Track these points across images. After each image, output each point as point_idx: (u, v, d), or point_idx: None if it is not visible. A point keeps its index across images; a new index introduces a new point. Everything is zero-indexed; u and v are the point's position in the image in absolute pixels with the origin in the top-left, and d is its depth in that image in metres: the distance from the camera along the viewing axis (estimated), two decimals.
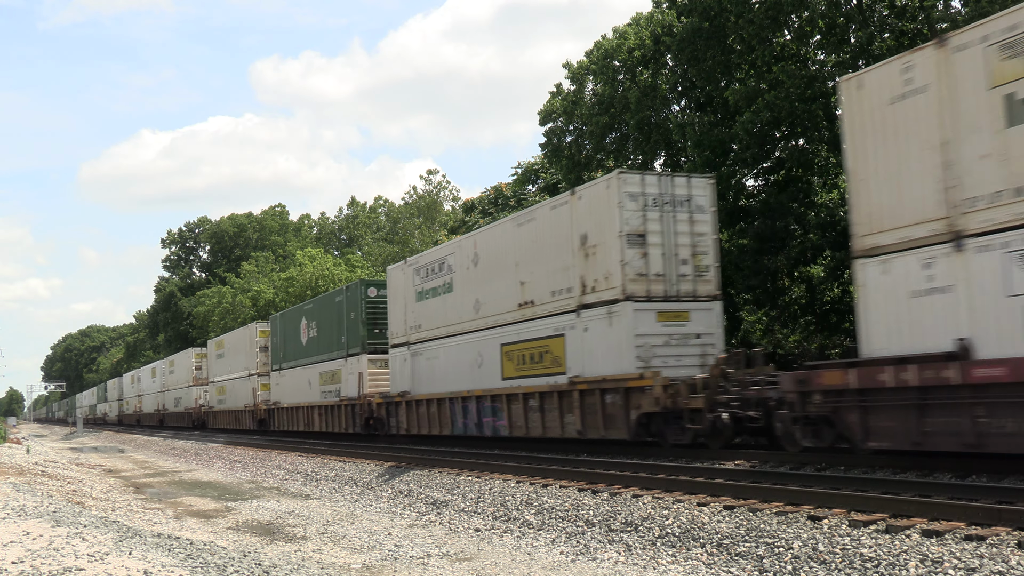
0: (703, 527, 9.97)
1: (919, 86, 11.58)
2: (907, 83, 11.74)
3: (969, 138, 10.91)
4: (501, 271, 20.16)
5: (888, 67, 12.09)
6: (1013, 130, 10.39)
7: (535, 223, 19.01)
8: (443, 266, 22.95)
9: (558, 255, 18.06)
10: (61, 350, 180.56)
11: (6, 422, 79.93)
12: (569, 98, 33.63)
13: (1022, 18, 10.51)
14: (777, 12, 25.07)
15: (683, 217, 16.84)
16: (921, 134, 11.51)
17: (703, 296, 16.79)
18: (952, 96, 11.15)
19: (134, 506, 16.43)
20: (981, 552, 7.66)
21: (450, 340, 22.36)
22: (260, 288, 63.19)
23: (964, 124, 10.98)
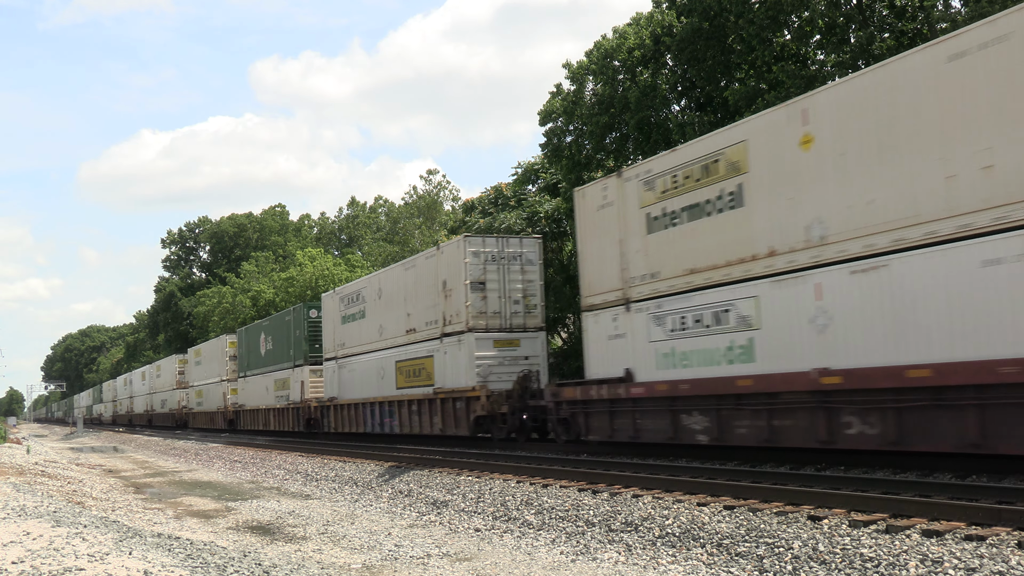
0: (703, 527, 9.97)
1: (609, 201, 17.02)
2: (604, 198, 17.15)
3: (630, 239, 16.38)
4: (396, 304, 25.50)
5: (596, 186, 17.61)
6: (650, 236, 15.87)
7: (416, 268, 24.57)
8: (359, 297, 28.24)
9: (429, 295, 23.37)
10: (61, 350, 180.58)
11: (6, 422, 79.96)
12: (569, 98, 33.64)
13: (653, 165, 15.90)
14: (777, 12, 25.08)
15: (516, 268, 22.07)
16: (610, 233, 16.89)
17: (531, 328, 22.05)
18: (623, 210, 16.59)
19: (134, 506, 16.43)
20: (981, 552, 7.66)
21: (364, 356, 27.63)
22: (260, 288, 63.21)
23: (629, 229, 16.41)
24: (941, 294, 10.72)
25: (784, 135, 13.11)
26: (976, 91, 10.49)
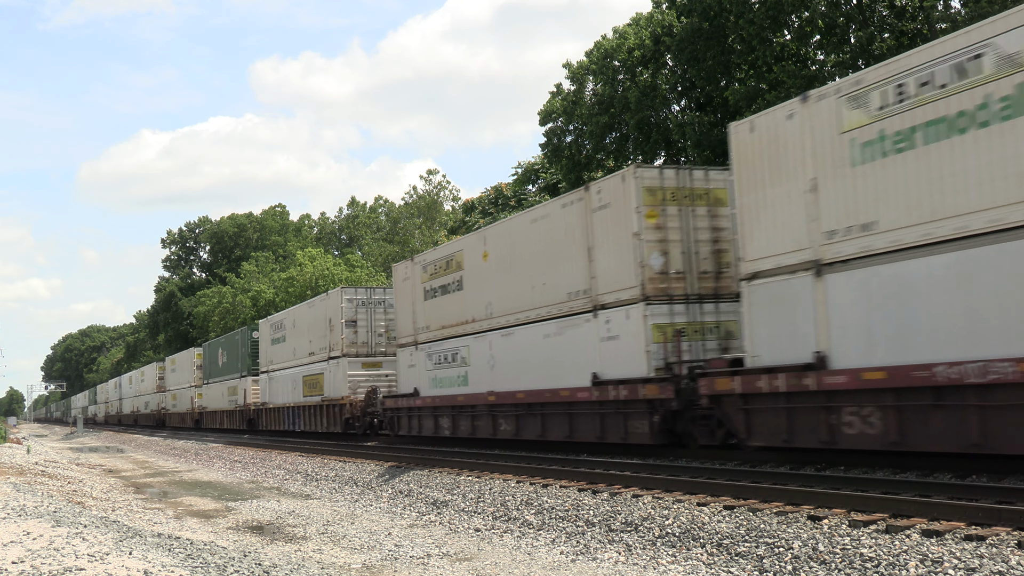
0: (703, 527, 9.97)
1: (407, 276, 24.71)
2: (406, 275, 24.72)
3: (416, 303, 24.12)
4: (303, 333, 33.29)
5: (401, 265, 25.52)
6: (425, 302, 23.61)
7: (314, 308, 32.52)
8: (282, 325, 36.36)
9: (321, 328, 31.11)
10: (61, 350, 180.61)
11: (6, 422, 80.00)
12: (569, 98, 33.65)
13: (426, 256, 23.76)
14: (777, 12, 25.08)
15: (380, 311, 29.69)
16: (411, 297, 24.70)
17: (390, 353, 28.35)
18: (414, 285, 24.49)
19: (134, 506, 16.44)
20: (981, 552, 7.66)
21: (283, 371, 35.54)
22: (260, 288, 63.24)
23: (416, 296, 24.30)
24: (529, 350, 18.73)
25: (477, 250, 21.10)
26: (540, 241, 18.57)
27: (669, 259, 15.55)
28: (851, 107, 11.63)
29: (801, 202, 12.25)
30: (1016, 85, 9.81)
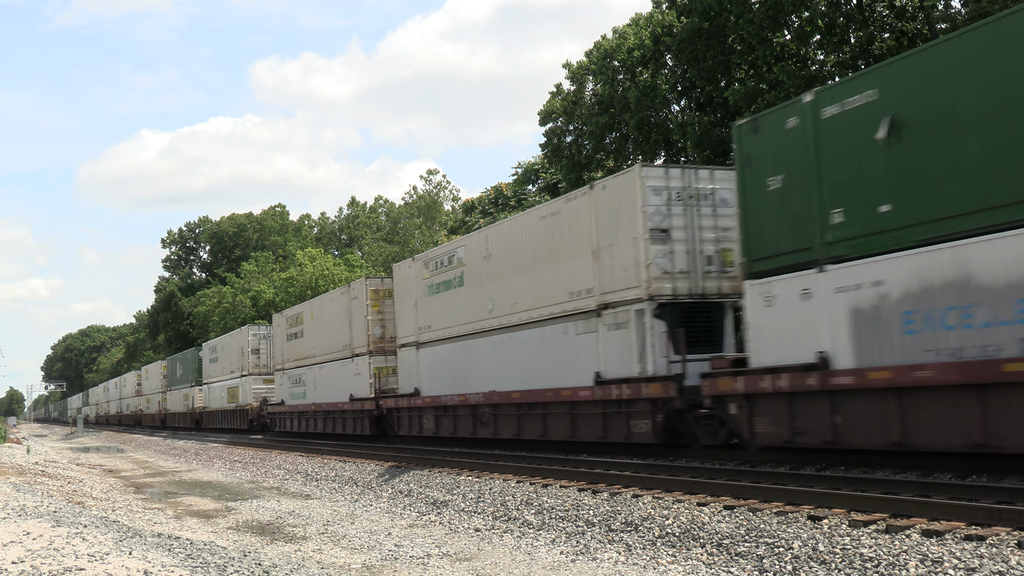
0: (703, 527, 9.97)
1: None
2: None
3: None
4: (227, 356, 44.29)
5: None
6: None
7: (233, 337, 43.89)
8: (216, 348, 47.52)
9: (237, 353, 42.40)
10: (61, 350, 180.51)
11: (6, 422, 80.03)
12: (569, 98, 33.64)
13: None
14: (777, 12, 25.07)
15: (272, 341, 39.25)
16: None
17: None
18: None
19: (134, 506, 16.43)
20: (981, 552, 7.66)
21: (217, 383, 46.32)
22: (260, 288, 63.25)
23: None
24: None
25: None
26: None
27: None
28: (426, 268, 23.54)
29: (413, 311, 24.12)
30: (460, 272, 21.83)
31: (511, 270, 19.55)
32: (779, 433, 12.76)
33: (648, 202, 15.54)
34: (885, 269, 11.20)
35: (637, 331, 15.65)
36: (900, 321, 11.04)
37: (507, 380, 19.43)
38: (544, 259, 18.42)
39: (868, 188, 11.44)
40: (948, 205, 10.54)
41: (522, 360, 19.03)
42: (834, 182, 11.89)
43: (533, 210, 19.95)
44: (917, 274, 10.84)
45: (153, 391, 65.21)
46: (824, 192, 12.01)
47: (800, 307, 12.41)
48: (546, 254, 18.37)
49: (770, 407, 12.86)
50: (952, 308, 10.50)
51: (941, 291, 10.59)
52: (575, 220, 17.50)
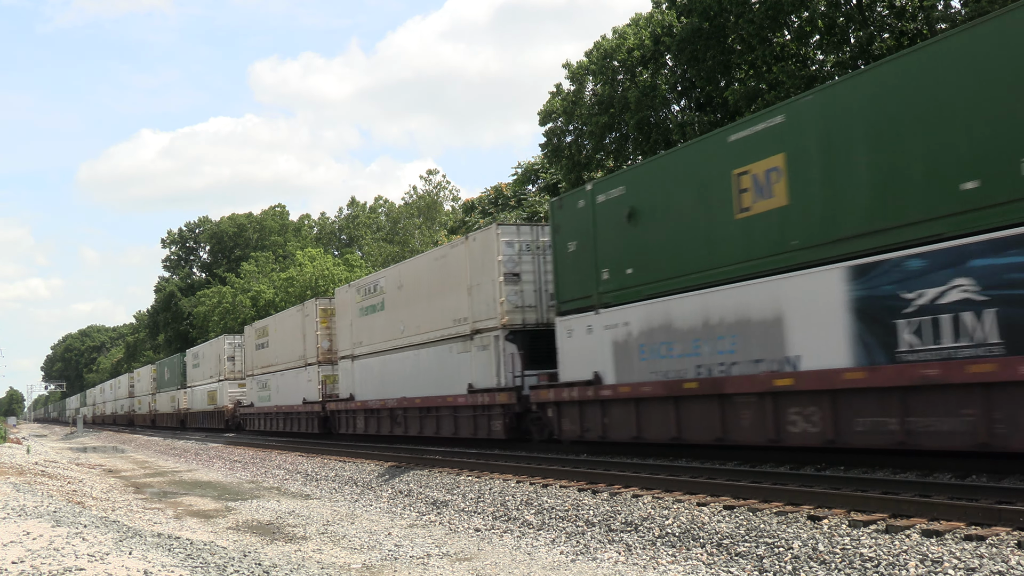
0: (703, 527, 9.97)
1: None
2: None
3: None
4: (207, 362, 49.03)
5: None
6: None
7: (212, 346, 48.65)
8: (198, 355, 52.11)
9: (216, 360, 46.75)
10: (61, 350, 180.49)
11: (6, 422, 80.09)
12: (569, 98, 33.63)
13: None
14: (777, 12, 25.07)
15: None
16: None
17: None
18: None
19: (134, 506, 16.44)
20: (981, 552, 7.66)
21: (200, 386, 50.75)
22: (260, 288, 63.25)
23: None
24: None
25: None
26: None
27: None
28: (358, 294, 27.70)
29: (349, 328, 28.23)
30: (382, 299, 25.66)
31: (416, 299, 23.81)
32: (576, 431, 16.94)
33: (502, 252, 19.76)
34: (630, 314, 15.50)
35: (495, 352, 19.79)
36: (637, 351, 15.36)
37: (413, 388, 23.58)
38: (437, 292, 22.61)
39: (621, 256, 15.72)
40: (660, 272, 14.89)
41: (423, 372, 23.23)
42: (604, 250, 16.15)
43: (431, 252, 24.80)
44: (646, 319, 15.16)
45: (144, 393, 69.76)
46: (598, 256, 16.30)
47: (586, 338, 16.66)
48: (439, 289, 22.56)
49: (569, 411, 17.12)
50: (663, 343, 14.83)
51: (658, 331, 14.90)
52: (457, 263, 21.72)
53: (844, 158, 11.79)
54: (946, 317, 10.49)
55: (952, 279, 10.42)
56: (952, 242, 10.38)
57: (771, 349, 12.81)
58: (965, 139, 10.27)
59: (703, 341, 13.93)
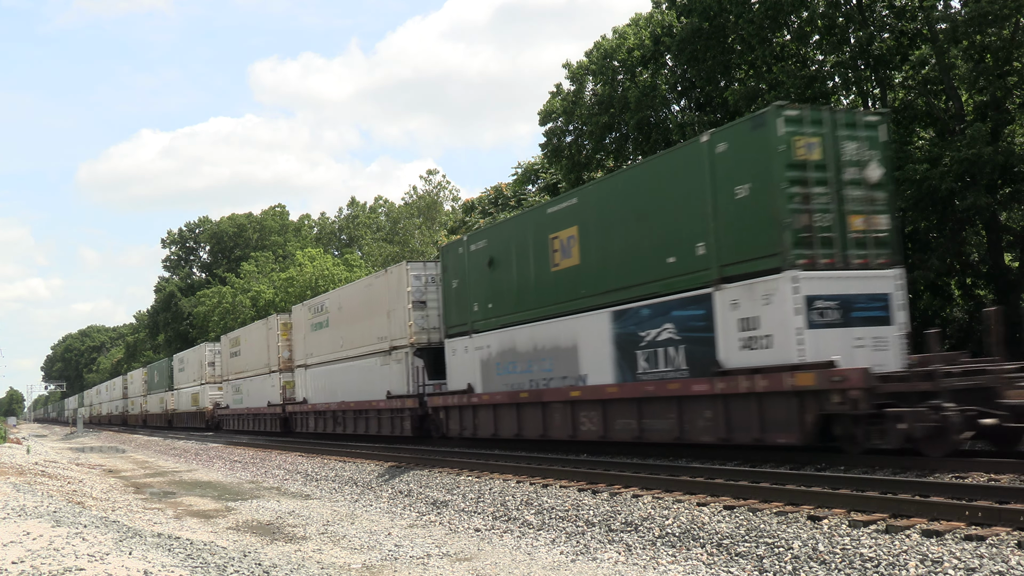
0: (703, 527, 9.97)
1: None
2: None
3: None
4: (191, 367, 53.00)
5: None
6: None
7: (195, 352, 52.69)
8: (183, 360, 56.38)
9: (198, 365, 50.40)
10: (61, 350, 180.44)
11: (6, 422, 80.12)
12: (569, 98, 33.62)
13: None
14: (777, 12, 25.07)
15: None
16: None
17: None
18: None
19: (134, 506, 16.44)
20: (981, 552, 7.66)
21: (184, 389, 54.79)
22: (260, 288, 63.24)
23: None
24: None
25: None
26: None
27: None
28: (309, 312, 32.38)
29: (303, 341, 32.68)
30: (327, 317, 30.47)
31: (352, 320, 28.21)
32: (457, 429, 21.59)
33: (411, 284, 24.16)
34: (491, 339, 20.22)
35: (406, 365, 24.20)
36: (495, 368, 20.06)
37: (350, 394, 28.04)
38: (366, 315, 26.95)
39: (485, 293, 20.44)
40: (509, 308, 19.54)
41: (357, 381, 27.50)
42: (474, 288, 20.86)
43: (362, 280, 29.51)
44: (500, 343, 19.89)
45: (136, 395, 74.63)
46: (470, 293, 21.00)
47: (464, 356, 21.30)
48: (367, 312, 26.88)
49: (453, 414, 21.78)
50: (510, 362, 19.54)
51: (507, 353, 19.62)
52: (380, 291, 26.07)
53: (609, 234, 16.30)
54: (661, 350, 15.07)
55: (664, 324, 14.98)
56: (663, 298, 14.93)
57: (571, 369, 17.52)
58: (669, 228, 14.84)
59: (533, 362, 18.72)
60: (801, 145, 12.83)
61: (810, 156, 12.84)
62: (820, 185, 12.85)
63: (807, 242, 12.58)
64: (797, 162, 12.75)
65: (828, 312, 12.63)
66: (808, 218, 12.64)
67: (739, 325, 13.40)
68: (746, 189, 13.27)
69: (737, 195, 13.37)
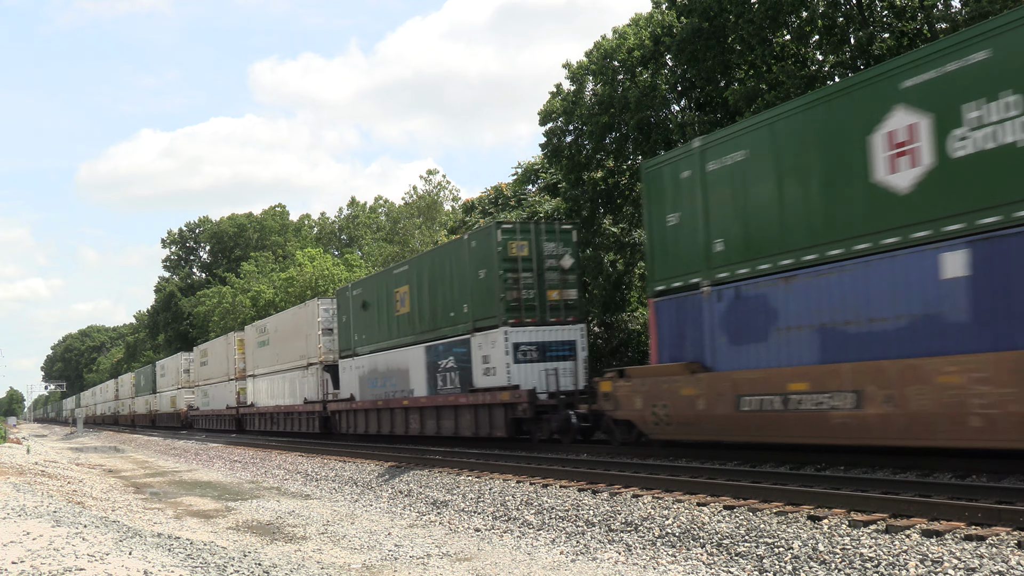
0: (703, 527, 9.97)
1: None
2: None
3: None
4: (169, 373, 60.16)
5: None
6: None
7: (173, 361, 59.95)
8: (163, 367, 62.91)
9: (176, 372, 57.57)
10: (61, 350, 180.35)
11: (6, 422, 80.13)
12: (569, 98, 33.60)
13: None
14: (777, 12, 25.05)
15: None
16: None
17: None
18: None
19: (134, 506, 16.43)
20: (981, 552, 7.66)
21: (164, 393, 61.20)
22: (260, 288, 63.22)
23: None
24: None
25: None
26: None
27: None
28: (256, 331, 39.66)
29: (252, 355, 40.36)
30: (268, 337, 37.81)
31: (284, 340, 35.25)
32: (346, 428, 28.71)
33: (321, 315, 31.57)
34: (364, 361, 27.45)
35: (317, 378, 31.37)
36: (369, 382, 26.97)
37: (282, 399, 35.26)
38: (293, 337, 34.17)
39: (361, 326, 27.86)
40: (375, 338, 26.81)
41: (287, 388, 34.86)
42: (355, 323, 28.31)
43: (290, 310, 36.55)
44: (369, 364, 27.08)
45: (126, 397, 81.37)
46: (353, 326, 28.47)
47: (350, 372, 28.53)
48: (293, 335, 34.19)
49: (344, 416, 29.10)
50: (374, 379, 26.56)
51: (373, 372, 26.78)
52: (301, 319, 33.29)
53: (423, 292, 23.69)
54: (448, 373, 22.15)
55: (448, 356, 22.22)
56: (448, 339, 22.21)
57: (406, 385, 24.62)
58: (451, 293, 22.04)
59: (387, 379, 25.73)
60: (513, 246, 20.05)
61: (520, 253, 20.01)
62: (527, 272, 20.00)
63: (515, 308, 19.79)
64: (510, 257, 19.94)
65: (529, 352, 19.83)
66: (517, 293, 19.82)
67: (482, 360, 20.48)
68: (483, 273, 20.54)
69: (479, 276, 20.73)
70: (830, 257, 11.97)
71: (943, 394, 10.35)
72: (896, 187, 11.22)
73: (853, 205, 11.74)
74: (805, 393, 12.05)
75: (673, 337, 14.74)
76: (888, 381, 10.98)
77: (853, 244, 11.68)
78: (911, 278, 10.96)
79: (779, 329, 12.67)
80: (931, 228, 10.76)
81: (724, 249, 13.69)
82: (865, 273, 11.52)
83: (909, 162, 11.08)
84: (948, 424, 10.37)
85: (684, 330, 14.46)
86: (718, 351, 13.75)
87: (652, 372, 15.05)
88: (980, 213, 10.26)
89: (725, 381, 13.35)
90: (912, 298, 10.95)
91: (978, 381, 10.01)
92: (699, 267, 14.16)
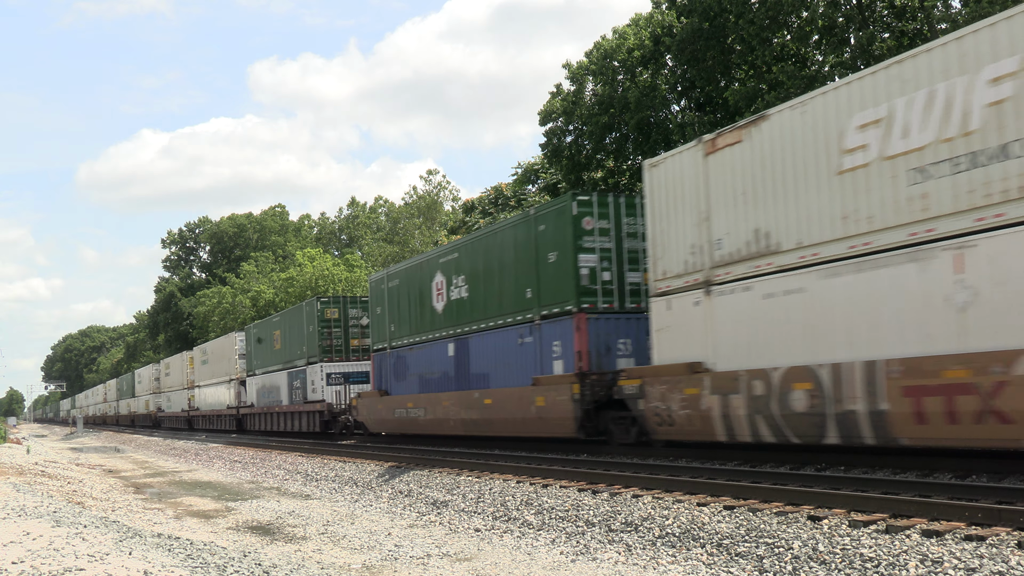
0: (703, 527, 9.97)
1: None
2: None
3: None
4: (143, 381, 71.64)
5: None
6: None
7: (151, 370, 69.23)
8: (139, 375, 73.31)
9: (150, 379, 67.98)
10: (61, 350, 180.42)
11: (6, 422, 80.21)
12: (569, 98, 33.62)
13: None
14: (777, 12, 25.07)
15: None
16: None
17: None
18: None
19: (134, 506, 16.43)
20: (981, 552, 7.66)
21: (140, 397, 72.37)
22: (260, 288, 63.23)
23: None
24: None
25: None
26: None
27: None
28: (200, 354, 53.04)
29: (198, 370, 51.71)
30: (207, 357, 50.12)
31: (217, 361, 45.03)
32: (253, 426, 38.35)
33: (237, 344, 42.35)
34: (260, 379, 39.01)
35: (235, 389, 40.83)
36: (262, 394, 38.51)
37: (213, 405, 45.43)
38: (220, 359, 43.85)
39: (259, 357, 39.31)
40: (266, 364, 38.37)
41: (214, 397, 44.62)
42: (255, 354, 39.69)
43: (219, 339, 46.98)
44: (262, 382, 38.68)
45: (112, 400, 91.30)
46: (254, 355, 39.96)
47: (252, 386, 40.20)
48: (222, 356, 43.41)
49: (249, 418, 38.95)
50: (267, 394, 38.00)
51: (264, 387, 38.53)
52: (227, 346, 43.15)
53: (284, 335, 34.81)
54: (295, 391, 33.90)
55: (296, 379, 33.63)
56: (294, 369, 34.22)
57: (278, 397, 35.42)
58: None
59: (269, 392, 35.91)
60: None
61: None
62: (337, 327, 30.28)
63: (328, 349, 30.83)
64: None
65: (335, 379, 30.88)
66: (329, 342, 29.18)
67: (310, 383, 31.49)
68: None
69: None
70: (419, 340, 23.47)
71: (447, 410, 21.62)
72: (438, 309, 22.47)
73: (424, 316, 23.18)
74: (412, 408, 23.42)
75: (377, 374, 26.22)
76: (430, 402, 22.53)
77: (426, 335, 23.04)
78: (440, 353, 22.29)
79: (409, 374, 23.91)
80: (449, 331, 21.95)
81: (396, 330, 24.97)
82: (429, 349, 22.90)
83: (443, 297, 22.23)
84: (437, 424, 22.23)
85: (381, 371, 25.89)
86: (392, 384, 25.07)
87: (368, 395, 26.95)
88: (461, 327, 21.43)
89: (393, 401, 24.62)
90: (441, 363, 22.22)
91: (451, 404, 21.61)
92: (384, 339, 25.68)
